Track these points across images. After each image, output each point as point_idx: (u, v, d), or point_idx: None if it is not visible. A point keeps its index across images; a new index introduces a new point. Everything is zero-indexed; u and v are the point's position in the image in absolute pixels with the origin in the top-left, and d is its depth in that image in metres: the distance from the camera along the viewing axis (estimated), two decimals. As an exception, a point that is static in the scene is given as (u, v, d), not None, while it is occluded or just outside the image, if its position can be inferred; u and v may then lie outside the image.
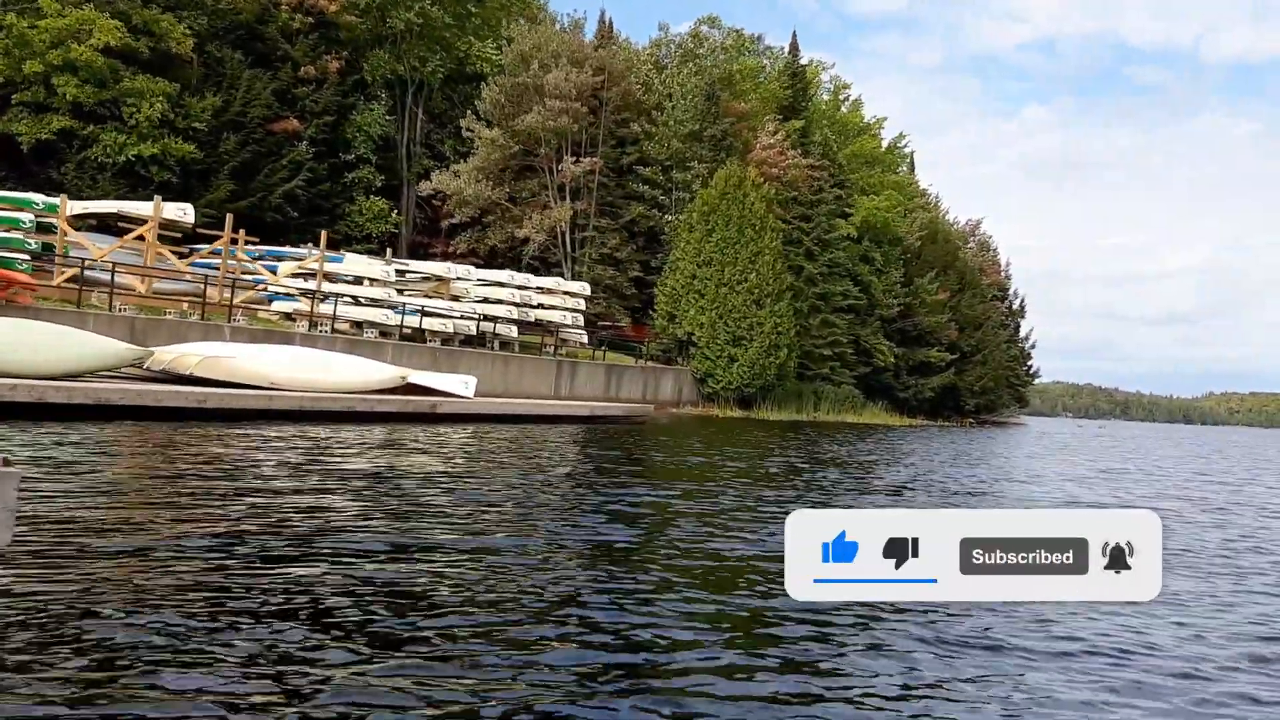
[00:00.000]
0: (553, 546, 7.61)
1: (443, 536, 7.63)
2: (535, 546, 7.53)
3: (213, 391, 16.07)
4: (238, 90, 46.13)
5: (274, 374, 18.95)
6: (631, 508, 10.09)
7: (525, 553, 7.24)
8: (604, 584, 6.48)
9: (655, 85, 50.89)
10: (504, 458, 13.94)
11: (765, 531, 8.89)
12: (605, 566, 7.05)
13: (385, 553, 6.89)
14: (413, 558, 6.83)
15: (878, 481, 14.91)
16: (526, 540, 7.74)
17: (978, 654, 5.57)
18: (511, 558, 7.08)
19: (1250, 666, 5.71)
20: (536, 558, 7.14)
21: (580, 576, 6.70)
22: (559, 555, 7.32)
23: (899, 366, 64.09)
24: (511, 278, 36.46)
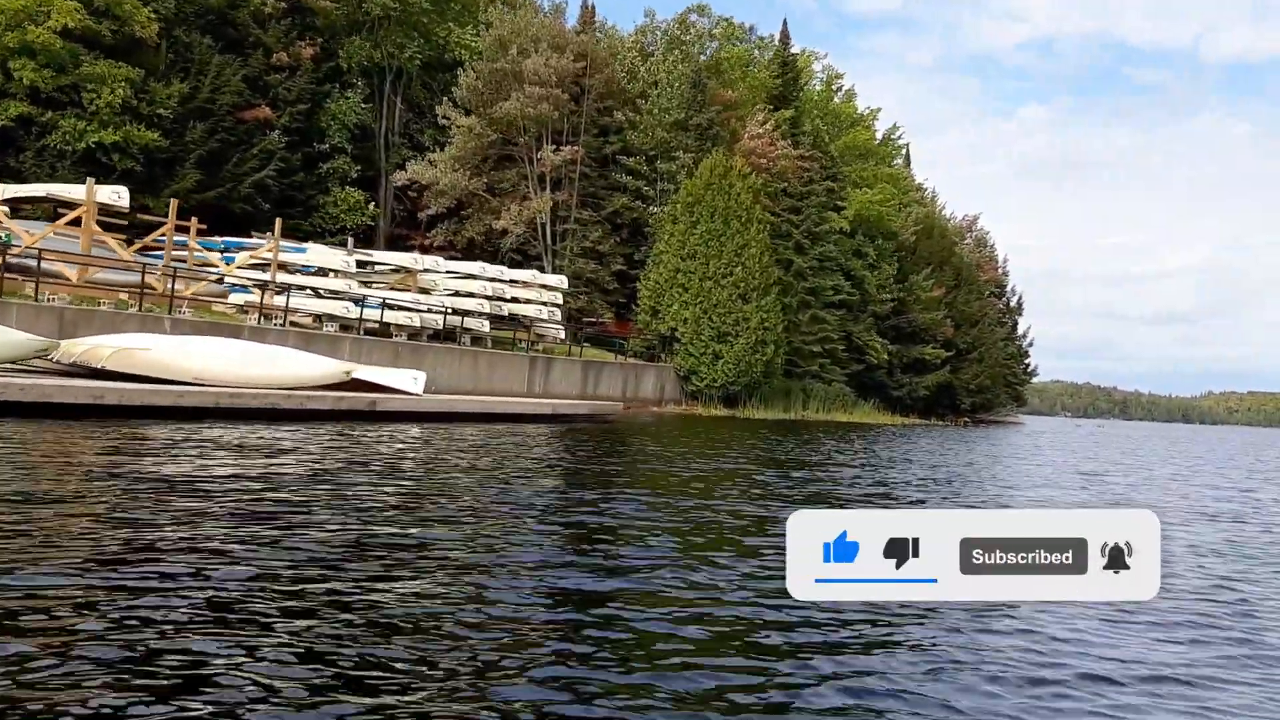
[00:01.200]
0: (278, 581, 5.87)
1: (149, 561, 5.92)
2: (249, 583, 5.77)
3: (111, 386, 14.50)
4: (206, 77, 44.51)
5: (198, 368, 17.39)
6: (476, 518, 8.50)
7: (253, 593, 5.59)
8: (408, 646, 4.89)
9: (640, 73, 49.30)
10: (402, 460, 12.27)
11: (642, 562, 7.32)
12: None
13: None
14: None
15: (800, 489, 13.34)
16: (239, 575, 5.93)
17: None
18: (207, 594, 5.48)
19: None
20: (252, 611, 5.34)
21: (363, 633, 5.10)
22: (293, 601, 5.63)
23: (892, 364, 62.51)
24: (483, 270, 34.87)
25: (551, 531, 8.32)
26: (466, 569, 6.50)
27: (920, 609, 6.15)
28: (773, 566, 7.03)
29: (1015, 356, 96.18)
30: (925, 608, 6.17)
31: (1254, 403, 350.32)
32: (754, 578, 6.81)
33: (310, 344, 26.34)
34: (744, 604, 6.06)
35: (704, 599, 6.13)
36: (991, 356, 75.65)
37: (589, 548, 7.60)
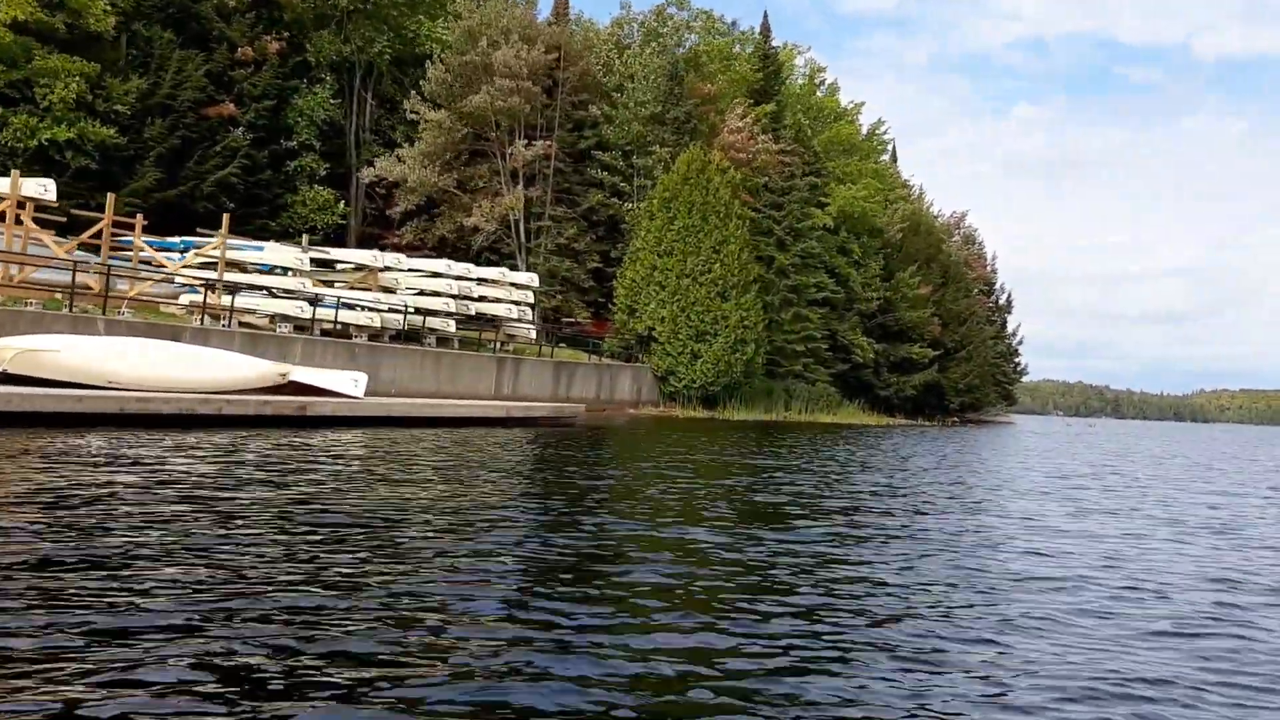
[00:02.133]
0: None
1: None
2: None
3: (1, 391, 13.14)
4: (167, 72, 43.13)
5: (113, 371, 16.02)
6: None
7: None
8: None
9: (616, 66, 47.97)
10: (278, 470, 10.89)
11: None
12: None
13: None
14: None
15: (693, 502, 12.05)
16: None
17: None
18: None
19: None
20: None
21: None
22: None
23: (879, 363, 61.27)
24: (449, 267, 33.49)
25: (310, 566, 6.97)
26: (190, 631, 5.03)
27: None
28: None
29: (1005, 355, 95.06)
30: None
31: (1246, 400, 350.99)
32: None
33: (257, 345, 24.99)
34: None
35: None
36: (980, 355, 74.46)
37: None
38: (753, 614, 5.90)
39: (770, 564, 7.63)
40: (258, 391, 18.15)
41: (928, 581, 7.37)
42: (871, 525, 10.35)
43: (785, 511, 10.93)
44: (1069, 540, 10.19)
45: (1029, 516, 12.05)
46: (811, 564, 7.73)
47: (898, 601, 6.64)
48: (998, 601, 6.83)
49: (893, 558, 8.31)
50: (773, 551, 8.19)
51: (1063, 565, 8.58)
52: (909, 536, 9.70)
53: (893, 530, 10.09)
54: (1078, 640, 5.86)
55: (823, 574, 7.38)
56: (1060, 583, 7.70)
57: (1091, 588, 7.59)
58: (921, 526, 10.57)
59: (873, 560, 8.14)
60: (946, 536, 9.86)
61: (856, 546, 8.83)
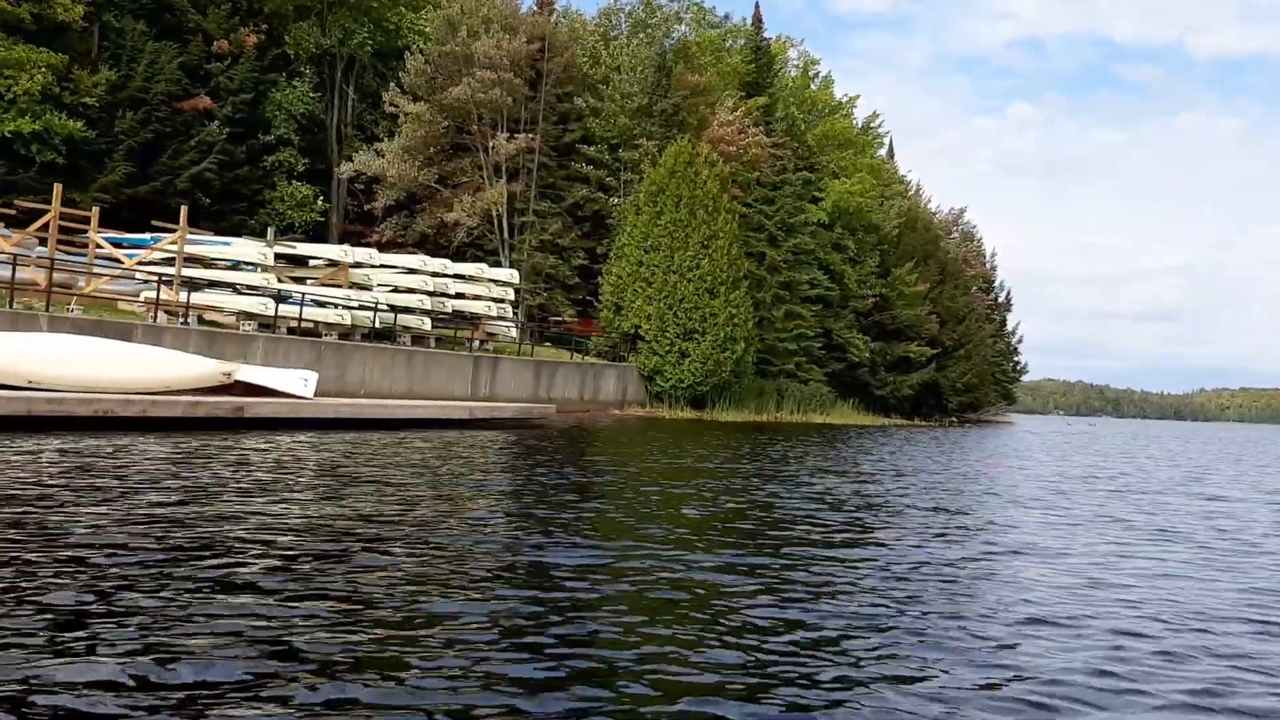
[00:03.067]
0: None
1: None
2: None
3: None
4: (139, 64, 41.87)
5: (33, 371, 14.78)
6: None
7: None
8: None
9: (603, 58, 46.68)
10: (151, 480, 9.62)
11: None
12: None
13: None
14: None
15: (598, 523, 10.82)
16: None
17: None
18: None
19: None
20: None
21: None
22: None
23: (875, 362, 59.96)
24: (424, 263, 32.22)
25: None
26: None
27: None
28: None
29: (1005, 354, 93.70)
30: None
31: (1246, 399, 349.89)
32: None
33: (214, 344, 23.75)
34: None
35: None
36: (979, 354, 73.15)
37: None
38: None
39: (719, 599, 6.38)
40: (199, 392, 16.90)
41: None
42: (830, 554, 9.10)
43: (736, 533, 9.69)
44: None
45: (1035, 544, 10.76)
46: (761, 613, 6.47)
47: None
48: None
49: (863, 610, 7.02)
50: (714, 585, 6.94)
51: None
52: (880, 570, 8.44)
53: (855, 564, 8.83)
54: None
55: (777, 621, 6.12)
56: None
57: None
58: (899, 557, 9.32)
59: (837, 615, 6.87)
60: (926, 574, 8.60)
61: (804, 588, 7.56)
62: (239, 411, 15.34)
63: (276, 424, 16.01)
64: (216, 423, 15.13)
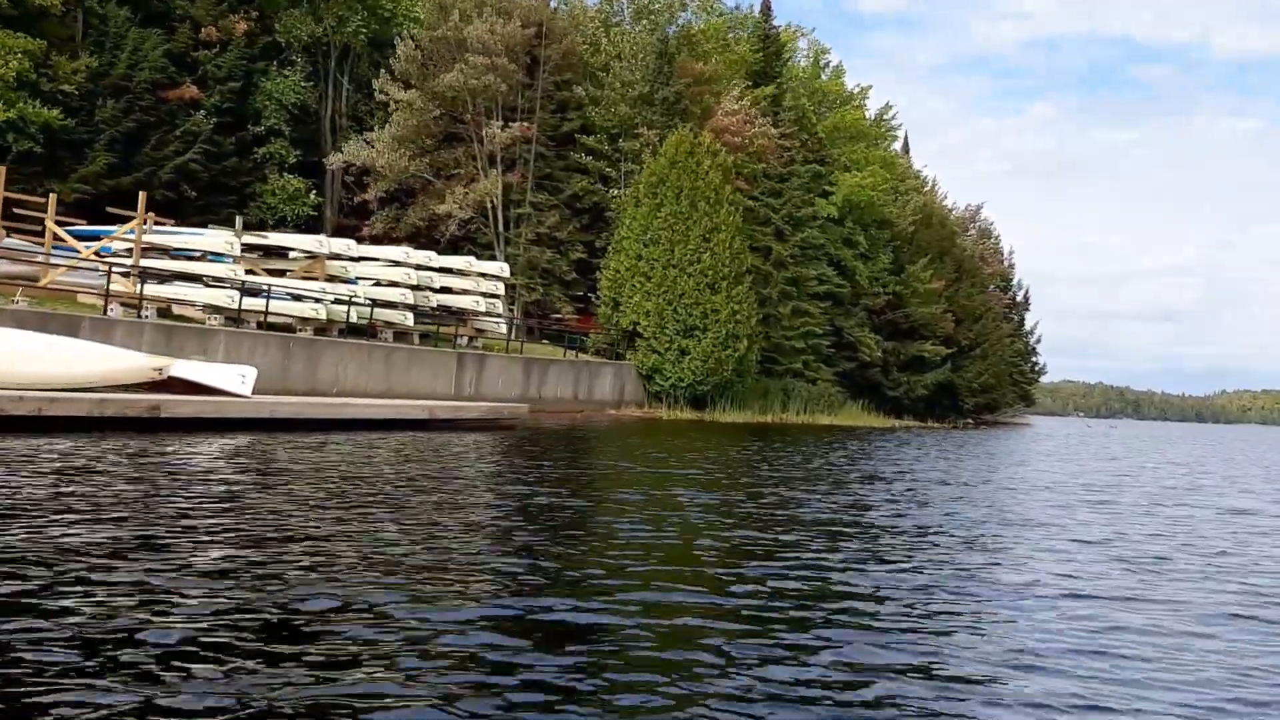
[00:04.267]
0: None
1: None
2: None
3: None
4: (123, 51, 40.44)
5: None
6: None
7: None
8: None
9: (604, 45, 44.99)
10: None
11: None
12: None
13: None
14: None
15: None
16: None
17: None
18: None
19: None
20: None
21: None
22: None
23: (888, 362, 58.08)
24: (407, 255, 30.66)
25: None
26: None
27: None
28: None
29: (1022, 354, 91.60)
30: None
31: (1268, 401, 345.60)
32: None
33: (172, 339, 22.25)
34: None
35: None
36: (996, 353, 71.10)
37: None
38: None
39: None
40: (127, 389, 15.32)
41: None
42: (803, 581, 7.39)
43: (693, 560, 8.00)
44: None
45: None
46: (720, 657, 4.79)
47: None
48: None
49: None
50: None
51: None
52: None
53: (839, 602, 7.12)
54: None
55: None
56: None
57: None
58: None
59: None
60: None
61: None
62: (155, 410, 13.71)
63: (202, 424, 14.37)
64: (128, 423, 13.51)
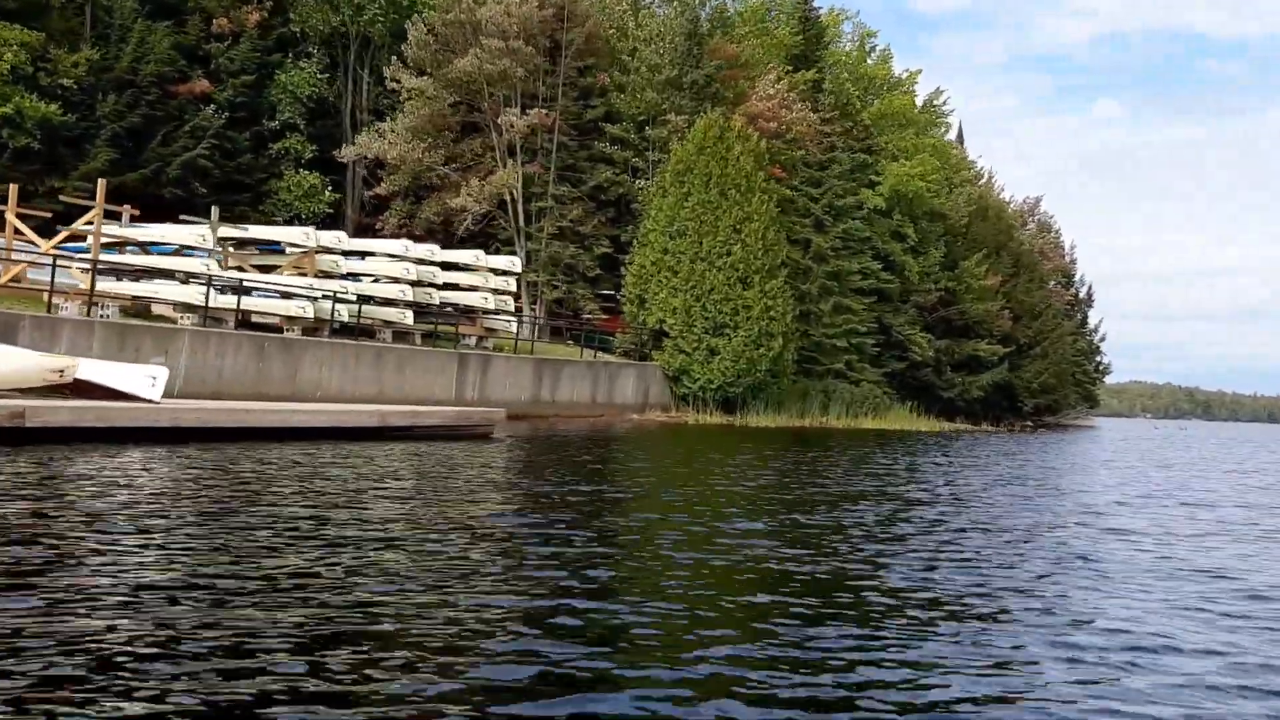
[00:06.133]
0: None
1: None
2: None
3: None
4: (128, 43, 38.88)
5: None
6: None
7: None
8: None
9: (631, 29, 42.51)
10: None
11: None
12: None
13: None
14: None
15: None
16: None
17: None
18: None
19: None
20: None
21: None
22: None
23: (941, 361, 54.83)
24: (406, 249, 28.44)
25: None
26: None
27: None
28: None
29: (1085, 353, 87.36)
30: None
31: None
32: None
33: (125, 339, 20.26)
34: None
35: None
36: (1057, 352, 67.36)
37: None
38: None
39: None
40: (24, 393, 13.17)
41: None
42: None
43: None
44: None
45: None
46: None
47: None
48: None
49: None
50: None
51: None
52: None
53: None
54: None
55: None
56: None
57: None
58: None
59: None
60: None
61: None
62: (17, 419, 11.49)
63: (82, 436, 12.05)
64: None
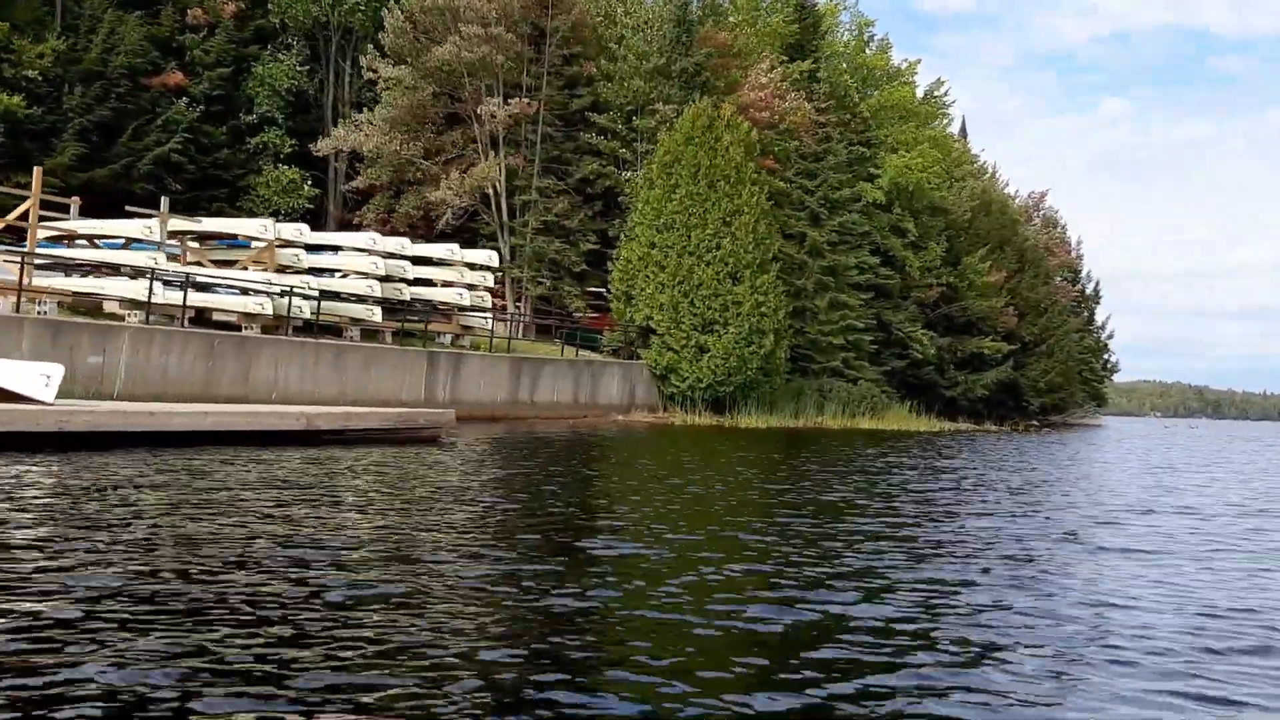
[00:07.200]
0: None
1: None
2: None
3: None
4: (98, 34, 37.59)
5: None
6: None
7: None
8: None
9: (619, 17, 41.09)
10: None
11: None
12: None
13: None
14: None
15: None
16: None
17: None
18: None
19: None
20: None
21: None
22: None
23: (943, 359, 53.31)
24: (373, 242, 27.05)
25: None
26: None
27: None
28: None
29: (1093, 350, 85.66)
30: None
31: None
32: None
33: (59, 337, 18.87)
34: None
35: None
36: (1063, 350, 65.75)
37: None
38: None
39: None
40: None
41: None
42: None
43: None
44: None
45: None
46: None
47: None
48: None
49: None
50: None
51: None
52: None
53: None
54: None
55: None
56: None
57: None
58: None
59: None
60: None
61: None
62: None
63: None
64: None
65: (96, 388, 19.11)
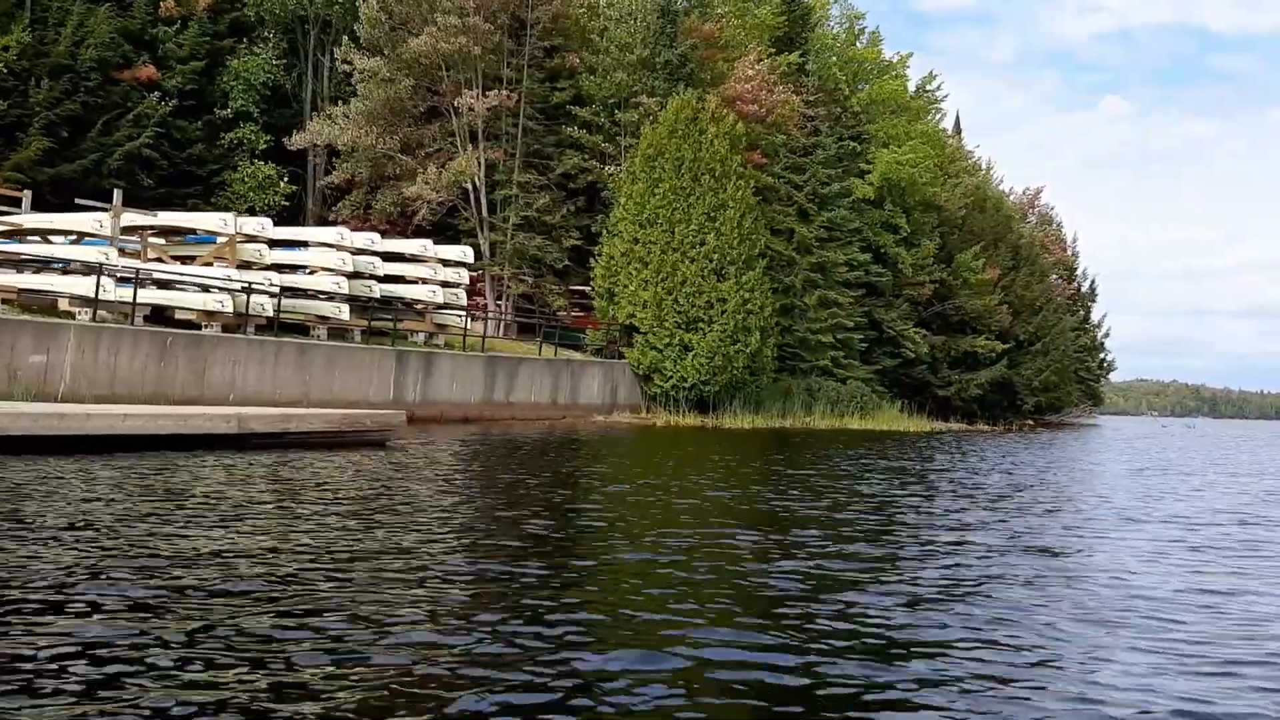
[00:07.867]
0: None
1: None
2: None
3: None
4: (66, 27, 36.60)
5: None
6: None
7: None
8: None
9: (602, 9, 40.13)
10: None
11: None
12: None
13: None
14: None
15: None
16: None
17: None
18: None
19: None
20: None
21: None
22: None
23: (936, 358, 52.39)
24: (341, 237, 26.08)
25: None
26: None
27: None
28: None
29: (1089, 349, 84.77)
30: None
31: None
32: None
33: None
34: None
35: None
36: (1058, 348, 64.86)
37: None
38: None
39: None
40: None
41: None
42: None
43: None
44: None
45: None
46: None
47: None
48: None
49: None
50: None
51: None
52: None
53: None
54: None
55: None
56: None
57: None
58: None
59: None
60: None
61: None
62: None
63: None
64: None
65: (40, 389, 18.17)
